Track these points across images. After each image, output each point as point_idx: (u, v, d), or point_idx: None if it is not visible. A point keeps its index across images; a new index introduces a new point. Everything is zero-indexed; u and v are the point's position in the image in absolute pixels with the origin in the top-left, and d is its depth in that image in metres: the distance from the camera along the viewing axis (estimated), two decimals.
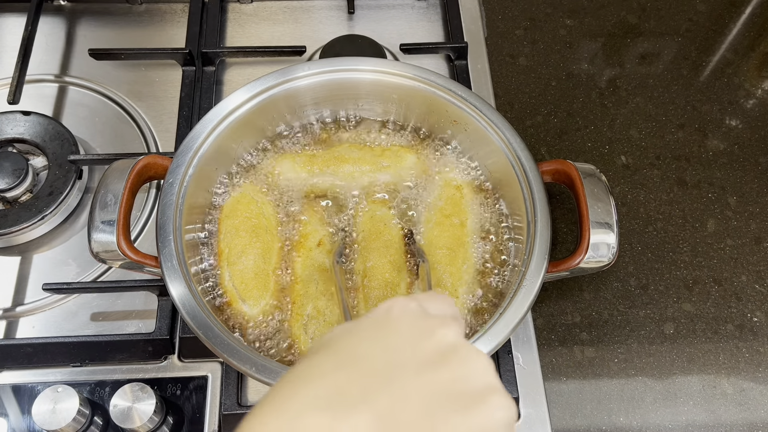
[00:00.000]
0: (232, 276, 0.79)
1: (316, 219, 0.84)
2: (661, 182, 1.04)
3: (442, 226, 0.83)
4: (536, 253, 0.75)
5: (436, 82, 0.86)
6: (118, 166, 0.78)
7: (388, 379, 0.41)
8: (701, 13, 1.23)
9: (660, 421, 0.85)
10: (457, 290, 0.79)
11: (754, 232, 1.00)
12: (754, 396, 0.87)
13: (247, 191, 0.85)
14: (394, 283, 0.79)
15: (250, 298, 0.78)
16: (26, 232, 0.90)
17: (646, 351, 0.90)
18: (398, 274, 0.80)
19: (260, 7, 1.16)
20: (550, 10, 1.22)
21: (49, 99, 1.04)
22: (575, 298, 0.93)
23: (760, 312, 0.93)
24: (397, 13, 1.16)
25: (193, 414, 0.80)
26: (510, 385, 0.81)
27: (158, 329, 0.83)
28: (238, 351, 0.67)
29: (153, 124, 1.02)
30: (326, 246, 0.82)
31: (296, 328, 0.77)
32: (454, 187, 0.86)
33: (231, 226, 0.82)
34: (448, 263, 0.80)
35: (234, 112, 0.83)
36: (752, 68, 1.17)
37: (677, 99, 1.12)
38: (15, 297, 0.88)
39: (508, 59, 1.16)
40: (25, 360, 0.82)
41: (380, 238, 0.82)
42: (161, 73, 1.07)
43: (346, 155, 0.88)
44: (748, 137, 1.09)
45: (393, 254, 0.81)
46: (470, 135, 0.87)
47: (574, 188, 0.79)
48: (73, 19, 1.13)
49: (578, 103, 1.11)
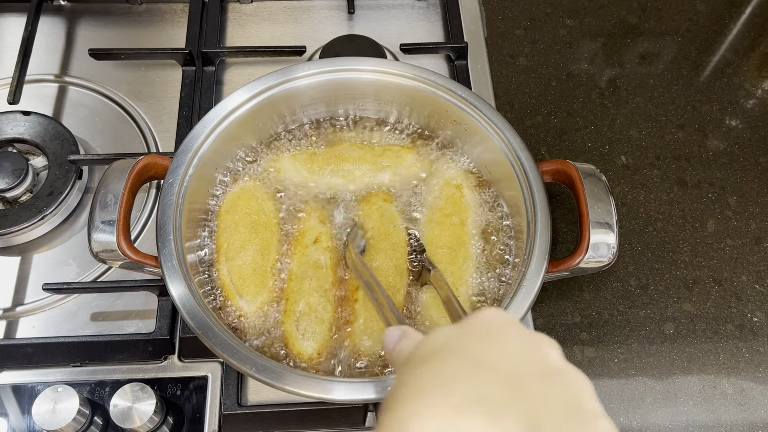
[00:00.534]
0: (231, 271, 0.79)
1: (314, 216, 0.84)
2: (661, 182, 1.04)
3: (443, 225, 0.83)
4: (536, 253, 0.75)
5: (436, 82, 0.86)
6: (118, 166, 0.79)
7: (519, 386, 0.41)
8: (701, 13, 1.23)
9: (660, 421, 0.85)
10: (458, 289, 0.79)
11: (754, 232, 1.00)
12: (754, 396, 0.87)
13: (248, 187, 0.85)
14: (396, 287, 0.79)
15: (247, 293, 0.78)
16: (26, 232, 0.90)
17: (646, 351, 0.90)
18: (400, 278, 0.80)
19: (260, 7, 1.16)
20: (550, 10, 1.22)
21: (49, 99, 1.04)
22: (575, 298, 0.93)
23: (760, 312, 0.93)
24: (397, 13, 1.16)
25: (193, 414, 0.80)
26: None
27: (158, 329, 0.83)
28: (238, 351, 0.67)
29: (153, 124, 1.02)
30: (323, 243, 0.82)
31: (288, 324, 0.77)
32: (454, 186, 0.86)
33: (230, 222, 0.82)
34: (449, 262, 0.80)
35: (234, 112, 0.83)
36: (752, 68, 1.17)
37: (677, 99, 1.12)
38: (15, 297, 0.88)
39: (508, 59, 1.16)
40: (25, 360, 0.82)
41: (388, 239, 0.82)
42: (161, 73, 1.07)
43: (346, 154, 0.88)
44: (748, 137, 1.09)
45: (398, 258, 0.81)
46: (470, 135, 0.87)
47: (574, 188, 0.79)
48: (73, 19, 1.13)
49: (578, 103, 1.11)
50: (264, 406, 0.79)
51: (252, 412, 0.79)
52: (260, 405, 0.80)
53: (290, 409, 0.79)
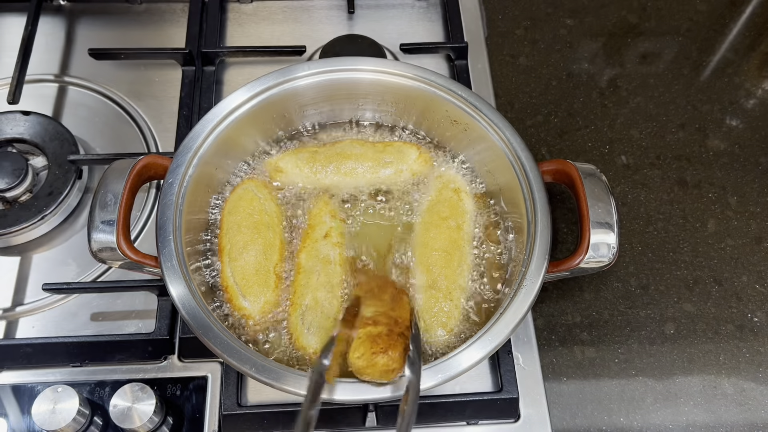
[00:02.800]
0: (233, 272, 0.79)
1: (326, 211, 0.84)
2: (662, 182, 1.04)
3: (439, 228, 0.83)
4: (536, 253, 0.74)
5: (436, 82, 0.86)
6: (118, 166, 0.78)
7: None
8: (702, 13, 1.23)
9: (660, 422, 0.85)
10: (451, 293, 0.79)
11: (754, 232, 1.00)
12: (754, 396, 0.87)
13: (250, 187, 0.85)
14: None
15: (250, 294, 0.78)
16: (26, 232, 0.90)
17: (647, 351, 0.90)
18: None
19: (260, 6, 1.15)
20: (550, 9, 1.22)
21: (49, 99, 1.04)
22: (575, 299, 0.93)
23: (761, 312, 0.93)
24: (397, 13, 1.16)
25: (193, 414, 0.79)
26: (510, 385, 0.81)
27: (158, 329, 0.83)
28: (238, 351, 0.67)
29: (153, 124, 1.02)
30: (333, 238, 0.82)
31: (294, 317, 0.77)
32: (452, 189, 0.86)
33: (233, 223, 0.82)
34: (443, 266, 0.80)
35: (234, 111, 0.83)
36: (753, 68, 1.17)
37: (678, 99, 1.12)
38: (15, 297, 0.88)
39: (508, 59, 1.16)
40: (25, 360, 0.82)
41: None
42: (161, 73, 1.07)
43: (348, 151, 0.88)
44: (749, 137, 1.09)
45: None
46: (470, 135, 0.87)
47: (575, 188, 0.79)
48: (73, 19, 1.13)
49: (579, 102, 1.11)
50: (264, 406, 0.79)
51: (252, 412, 0.79)
52: (260, 405, 0.80)
53: (290, 409, 0.79)
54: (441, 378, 0.67)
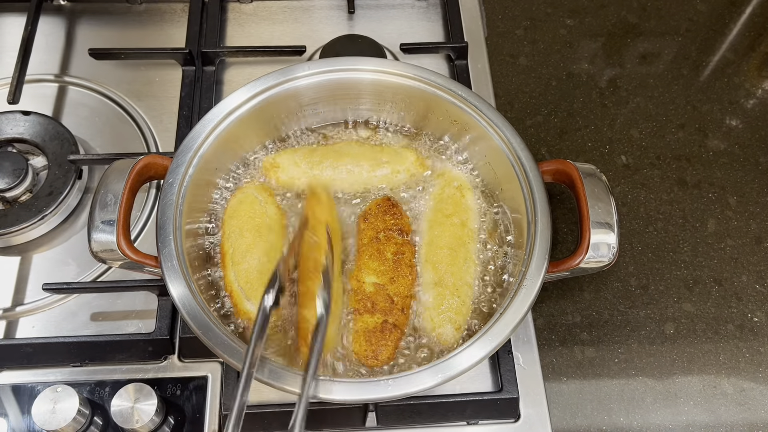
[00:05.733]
0: (237, 276, 0.78)
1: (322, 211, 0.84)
2: (662, 182, 1.04)
3: (443, 225, 0.83)
4: (536, 253, 0.75)
5: (436, 82, 0.86)
6: (118, 166, 0.78)
7: None
8: (701, 13, 1.23)
9: (660, 422, 0.85)
10: (458, 290, 0.79)
11: (754, 232, 1.00)
12: (754, 396, 0.87)
13: (250, 191, 0.85)
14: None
15: (255, 297, 0.77)
16: (26, 232, 0.90)
17: (647, 351, 0.90)
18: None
19: (260, 6, 1.15)
20: (550, 9, 1.22)
21: (49, 99, 1.04)
22: (575, 298, 0.93)
23: (761, 312, 0.93)
24: (397, 13, 1.16)
25: (193, 414, 0.79)
26: (510, 385, 0.81)
27: (158, 329, 0.83)
28: (238, 351, 0.67)
29: (153, 124, 1.02)
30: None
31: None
32: (454, 187, 0.86)
33: (235, 227, 0.82)
34: (449, 263, 0.80)
35: (234, 111, 0.83)
36: (752, 68, 1.17)
37: (677, 99, 1.12)
38: (15, 297, 0.88)
39: (508, 59, 1.16)
40: (25, 360, 0.82)
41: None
42: (161, 73, 1.07)
43: (346, 150, 0.88)
44: (749, 137, 1.09)
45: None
46: (470, 135, 0.87)
47: (575, 188, 0.79)
48: (73, 18, 1.13)
49: (578, 102, 1.11)
50: (264, 406, 0.79)
51: (252, 412, 0.79)
52: (260, 405, 0.80)
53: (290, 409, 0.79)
54: (441, 378, 0.67)
